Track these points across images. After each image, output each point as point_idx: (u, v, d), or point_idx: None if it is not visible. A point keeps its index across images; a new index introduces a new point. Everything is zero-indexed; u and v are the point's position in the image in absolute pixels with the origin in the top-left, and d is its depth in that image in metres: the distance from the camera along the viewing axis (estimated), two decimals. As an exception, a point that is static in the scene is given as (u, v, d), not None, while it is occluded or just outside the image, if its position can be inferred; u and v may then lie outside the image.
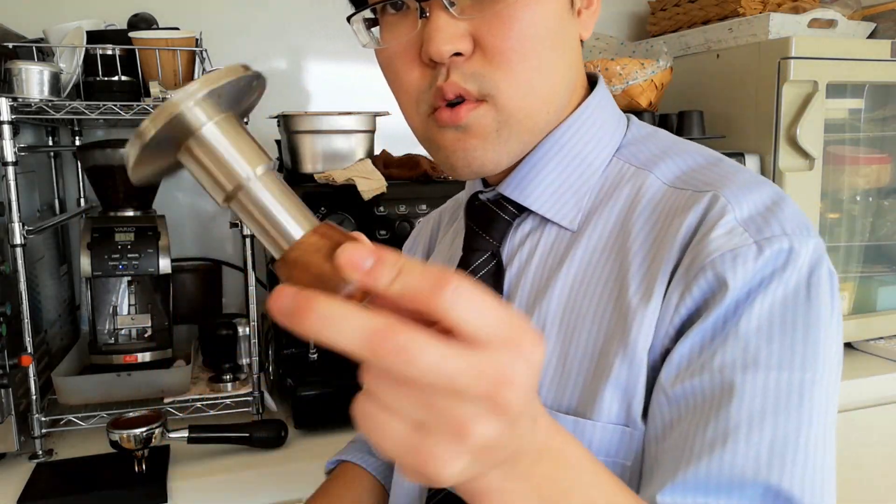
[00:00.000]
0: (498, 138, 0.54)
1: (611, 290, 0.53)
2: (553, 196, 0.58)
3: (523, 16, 0.51)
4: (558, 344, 0.54)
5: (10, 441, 1.03)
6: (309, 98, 1.64)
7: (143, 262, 1.11)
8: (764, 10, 1.48)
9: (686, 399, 0.48)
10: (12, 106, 1.00)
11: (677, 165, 0.57)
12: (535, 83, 0.54)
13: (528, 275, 0.58)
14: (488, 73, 0.52)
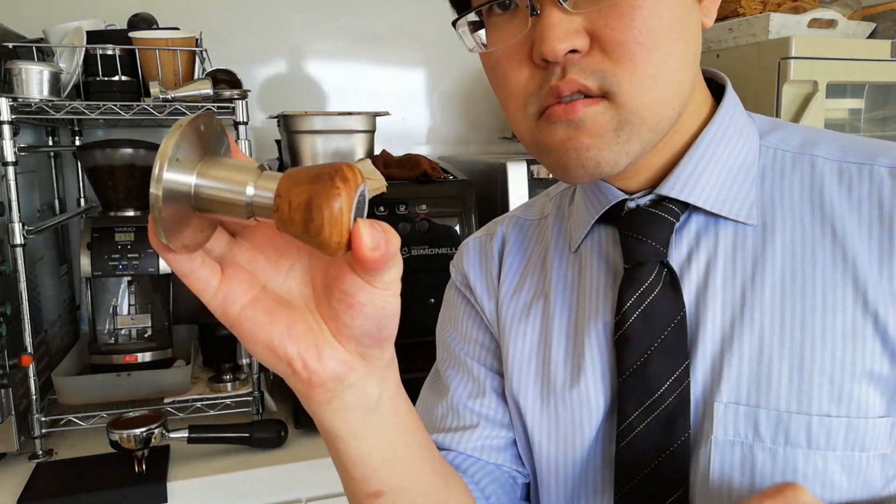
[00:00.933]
0: (616, 138, 0.49)
1: (835, 284, 0.50)
2: (721, 191, 0.54)
3: (644, 4, 0.47)
4: (786, 347, 0.50)
5: (10, 441, 1.03)
6: (309, 98, 1.64)
7: (143, 262, 1.11)
8: (764, 10, 1.48)
9: None
10: (12, 106, 1.00)
11: (832, 146, 0.55)
12: (661, 78, 0.49)
13: (716, 282, 0.52)
14: (609, 69, 0.48)
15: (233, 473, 1.02)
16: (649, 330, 0.52)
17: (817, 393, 0.48)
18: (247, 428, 1.08)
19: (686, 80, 0.52)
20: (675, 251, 0.54)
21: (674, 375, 0.51)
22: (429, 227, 1.18)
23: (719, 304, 0.52)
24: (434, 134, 1.74)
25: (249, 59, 1.57)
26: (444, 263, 1.22)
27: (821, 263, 0.50)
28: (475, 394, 0.63)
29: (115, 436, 0.96)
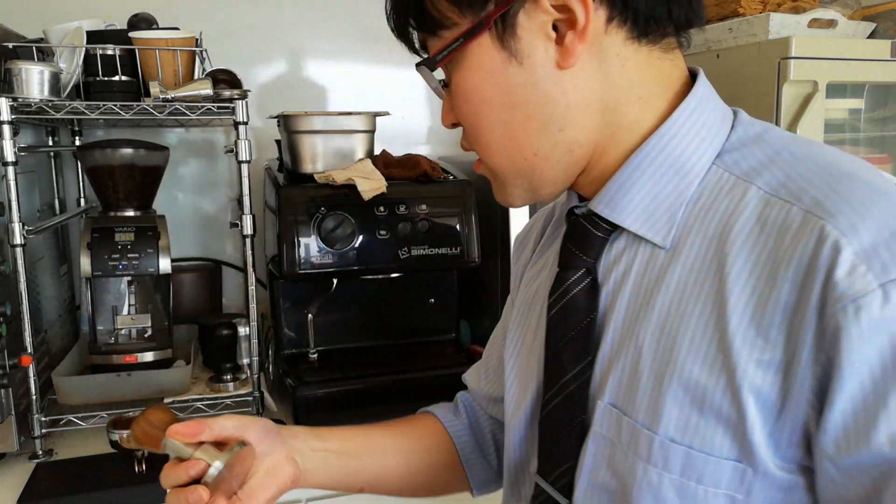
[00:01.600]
0: (508, 185, 0.61)
1: (707, 320, 0.51)
2: (645, 212, 0.56)
3: (461, 91, 0.58)
4: (654, 367, 0.53)
5: (10, 441, 1.03)
6: (309, 98, 1.64)
7: (143, 262, 1.11)
8: (764, 10, 1.49)
9: (863, 467, 0.45)
10: (12, 106, 1.00)
11: (783, 172, 0.51)
12: (494, 144, 0.59)
13: (625, 295, 0.56)
14: (468, 139, 0.61)
15: (233, 473, 1.02)
16: (565, 325, 0.60)
17: (667, 416, 0.51)
18: (247, 428, 1.08)
19: (520, 135, 0.57)
20: (603, 259, 0.59)
21: (579, 367, 0.58)
22: (429, 227, 1.18)
23: (621, 316, 0.56)
24: (434, 134, 1.74)
25: (249, 59, 1.57)
26: (444, 263, 1.22)
27: (702, 298, 0.51)
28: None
29: (115, 436, 0.96)
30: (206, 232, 1.59)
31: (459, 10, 0.55)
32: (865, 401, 0.44)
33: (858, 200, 0.47)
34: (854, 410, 0.44)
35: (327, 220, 1.12)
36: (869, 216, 0.46)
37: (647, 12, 0.54)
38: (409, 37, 0.61)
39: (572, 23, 0.52)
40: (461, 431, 0.80)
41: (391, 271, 1.20)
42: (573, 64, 0.54)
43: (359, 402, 1.16)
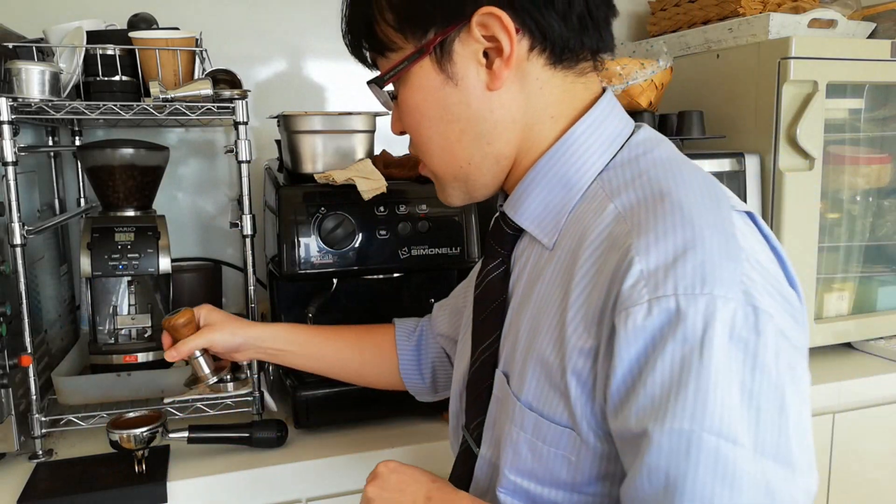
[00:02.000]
0: (445, 188, 0.72)
1: (555, 312, 0.61)
2: (538, 217, 0.67)
3: (406, 106, 0.68)
4: (524, 350, 0.65)
5: (10, 441, 1.03)
6: (309, 98, 1.64)
7: (143, 262, 1.11)
8: (764, 10, 1.49)
9: (622, 437, 0.55)
10: (12, 106, 1.00)
11: (636, 194, 0.59)
12: (434, 153, 0.69)
13: (521, 283, 0.69)
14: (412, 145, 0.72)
15: (233, 473, 1.02)
16: (483, 303, 0.73)
17: (527, 387, 0.63)
18: (247, 428, 1.08)
19: (454, 146, 0.67)
20: (515, 252, 0.71)
21: (489, 339, 0.71)
22: (429, 227, 1.18)
23: (516, 301, 0.69)
24: (434, 134, 1.74)
25: (249, 59, 1.57)
26: (444, 263, 1.22)
27: (558, 292, 0.62)
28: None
29: (115, 436, 0.96)
30: (206, 232, 1.59)
31: (404, 36, 0.65)
32: (626, 388, 0.54)
33: (662, 228, 0.54)
34: (619, 395, 0.54)
35: (327, 220, 1.12)
36: (664, 242, 0.54)
37: (563, 43, 0.64)
38: (362, 55, 0.70)
39: (500, 51, 0.62)
40: (407, 355, 0.98)
41: (391, 271, 1.19)
42: (500, 87, 0.64)
43: (359, 402, 1.16)
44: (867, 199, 1.51)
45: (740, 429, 0.50)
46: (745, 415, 0.50)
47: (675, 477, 0.50)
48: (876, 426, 1.39)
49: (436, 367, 0.98)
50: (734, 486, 0.49)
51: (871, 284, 1.52)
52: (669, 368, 0.51)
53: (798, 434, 0.52)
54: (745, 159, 1.36)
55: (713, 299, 0.51)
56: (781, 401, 0.52)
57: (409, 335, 1.00)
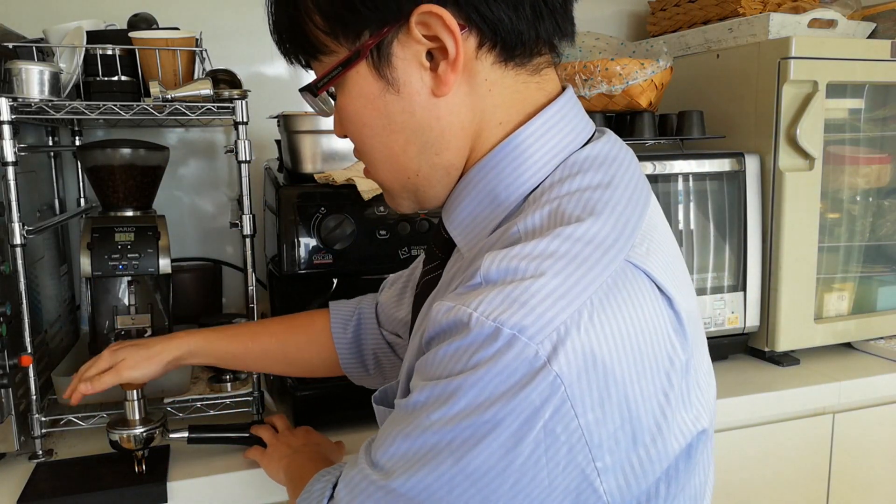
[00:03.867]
0: (393, 198, 0.67)
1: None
2: (466, 227, 0.63)
3: (344, 115, 0.62)
4: (412, 344, 0.63)
5: (10, 441, 1.03)
6: (309, 98, 1.63)
7: (143, 262, 1.11)
8: (764, 10, 1.49)
9: None
10: (12, 106, 1.00)
11: (537, 216, 0.55)
12: (378, 163, 0.63)
13: (441, 290, 0.66)
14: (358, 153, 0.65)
15: (233, 473, 1.02)
16: (419, 301, 0.71)
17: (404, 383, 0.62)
18: (247, 428, 1.08)
19: (400, 155, 0.61)
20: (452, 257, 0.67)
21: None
22: (428, 226, 1.18)
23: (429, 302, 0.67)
24: (434, 134, 1.74)
25: (249, 59, 1.57)
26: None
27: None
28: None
29: (115, 436, 0.96)
30: (206, 232, 1.59)
31: (336, 39, 0.58)
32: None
33: (508, 262, 0.51)
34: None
35: (327, 220, 1.12)
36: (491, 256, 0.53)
37: (515, 37, 0.57)
38: (296, 58, 0.63)
39: (445, 52, 0.55)
40: (345, 346, 0.95)
41: (391, 271, 1.19)
42: (447, 92, 0.57)
43: (358, 402, 1.16)
44: (867, 199, 1.51)
45: None
46: None
47: None
48: (876, 426, 1.39)
49: (378, 355, 0.96)
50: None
51: (871, 284, 1.52)
52: None
53: None
54: (745, 159, 1.36)
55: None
56: None
57: (346, 324, 0.96)
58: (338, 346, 0.95)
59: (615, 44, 1.54)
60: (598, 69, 1.36)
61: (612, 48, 1.55)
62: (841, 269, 1.49)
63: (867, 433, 1.38)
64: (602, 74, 1.35)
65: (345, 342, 0.95)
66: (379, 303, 0.96)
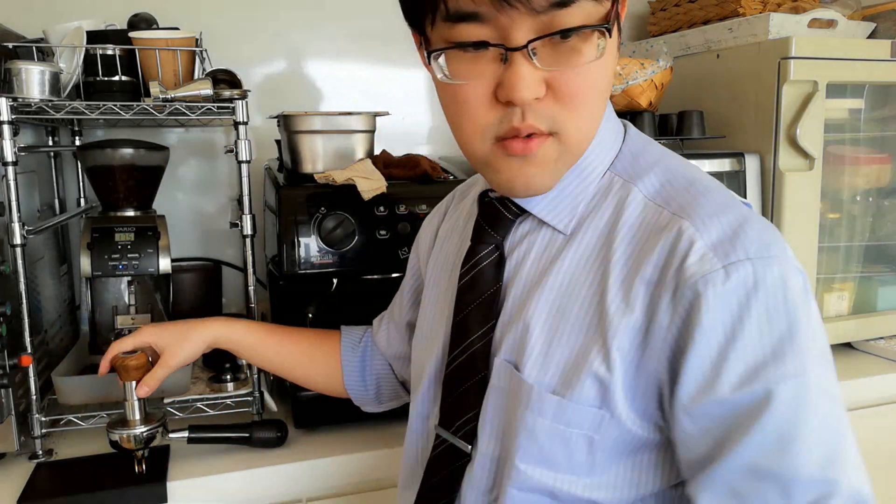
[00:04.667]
0: (555, 166, 0.62)
1: (593, 294, 0.62)
2: (551, 203, 0.66)
3: (594, 73, 0.59)
4: (542, 334, 0.63)
5: (10, 441, 1.03)
6: (309, 98, 1.64)
7: (143, 262, 1.11)
8: (764, 10, 1.48)
9: (711, 416, 0.56)
10: (12, 106, 1.00)
11: (658, 181, 0.64)
12: (591, 124, 0.62)
13: (525, 269, 0.67)
14: (559, 114, 0.59)
15: (233, 473, 1.02)
16: (473, 293, 0.69)
17: (551, 372, 0.62)
18: (247, 428, 1.08)
19: (598, 124, 0.65)
20: (510, 238, 0.69)
21: (482, 329, 0.68)
22: (429, 227, 1.18)
23: (520, 287, 0.67)
24: (434, 134, 1.74)
25: (249, 59, 1.57)
26: (444, 263, 1.22)
27: (590, 278, 0.63)
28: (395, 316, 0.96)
29: (115, 436, 0.96)
30: (206, 232, 1.59)
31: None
32: (712, 357, 0.55)
33: (711, 209, 0.59)
34: (703, 365, 0.55)
35: (327, 220, 1.12)
36: (717, 219, 0.58)
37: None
38: None
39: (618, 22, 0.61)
40: (351, 367, 0.97)
41: (391, 271, 1.19)
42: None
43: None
44: (867, 199, 1.51)
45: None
46: None
47: (788, 427, 0.54)
48: (876, 426, 1.39)
49: (380, 380, 0.98)
50: (835, 405, 0.56)
51: (871, 284, 1.52)
52: (759, 327, 0.54)
53: None
54: (745, 159, 1.36)
55: (781, 260, 0.56)
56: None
57: (355, 347, 0.99)
58: (344, 366, 0.97)
59: (615, 44, 1.54)
60: (598, 69, 1.36)
61: (612, 48, 1.54)
62: (841, 269, 1.49)
63: (867, 433, 1.38)
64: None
65: (352, 362, 0.97)
66: (375, 342, 0.98)
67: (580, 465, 0.61)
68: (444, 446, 0.70)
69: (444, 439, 0.70)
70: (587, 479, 0.61)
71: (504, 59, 0.57)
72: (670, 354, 0.57)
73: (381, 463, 1.09)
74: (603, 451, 0.61)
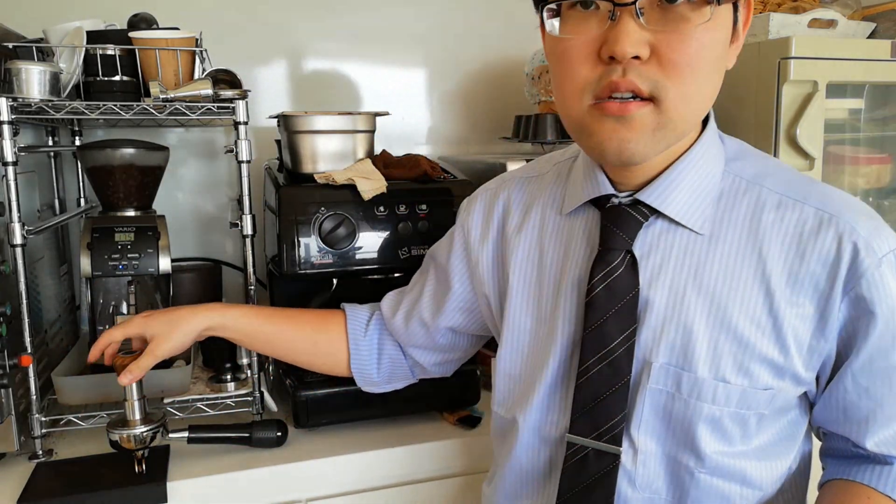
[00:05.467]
0: (652, 136, 0.63)
1: (753, 287, 0.66)
2: (685, 205, 0.69)
3: (702, 37, 0.60)
4: (707, 333, 0.67)
5: (10, 441, 1.03)
6: (309, 98, 1.64)
7: (143, 262, 1.11)
8: (764, 10, 1.48)
9: (874, 382, 0.68)
10: (12, 106, 1.00)
11: (780, 180, 0.69)
12: (697, 97, 0.63)
13: (667, 272, 0.69)
14: (661, 79, 0.60)
15: (233, 473, 1.02)
16: (610, 299, 0.69)
17: (724, 366, 0.67)
18: (247, 428, 1.08)
19: (709, 101, 0.66)
20: (639, 242, 0.70)
21: (623, 335, 0.68)
22: (429, 227, 1.18)
23: (666, 291, 0.68)
24: (434, 134, 1.74)
25: (249, 59, 1.57)
26: (444, 263, 1.22)
27: (746, 273, 0.67)
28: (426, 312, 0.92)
29: (115, 436, 0.96)
30: (206, 232, 1.59)
31: None
32: (886, 334, 0.66)
33: (846, 205, 0.67)
34: (881, 339, 0.66)
35: (327, 220, 1.12)
36: (860, 215, 0.67)
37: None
38: None
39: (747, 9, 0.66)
40: (363, 348, 0.95)
41: (391, 271, 1.19)
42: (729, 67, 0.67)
43: (359, 402, 1.16)
44: (867, 199, 1.51)
45: None
46: None
47: None
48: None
49: (393, 363, 0.97)
50: None
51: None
52: None
53: None
54: (745, 159, 1.36)
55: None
56: None
57: (363, 329, 0.97)
58: (353, 347, 0.96)
59: (615, 44, 1.54)
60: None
61: (612, 48, 1.54)
62: (841, 269, 1.48)
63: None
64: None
65: (363, 344, 0.96)
66: (391, 328, 0.97)
67: (749, 436, 0.69)
68: (585, 453, 0.70)
69: (583, 446, 0.71)
70: (749, 447, 0.69)
71: (612, 16, 0.59)
72: (844, 335, 0.67)
73: (381, 463, 1.09)
74: (766, 420, 0.69)
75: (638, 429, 0.69)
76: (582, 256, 0.73)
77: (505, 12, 1.70)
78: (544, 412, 0.75)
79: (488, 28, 1.70)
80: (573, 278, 0.73)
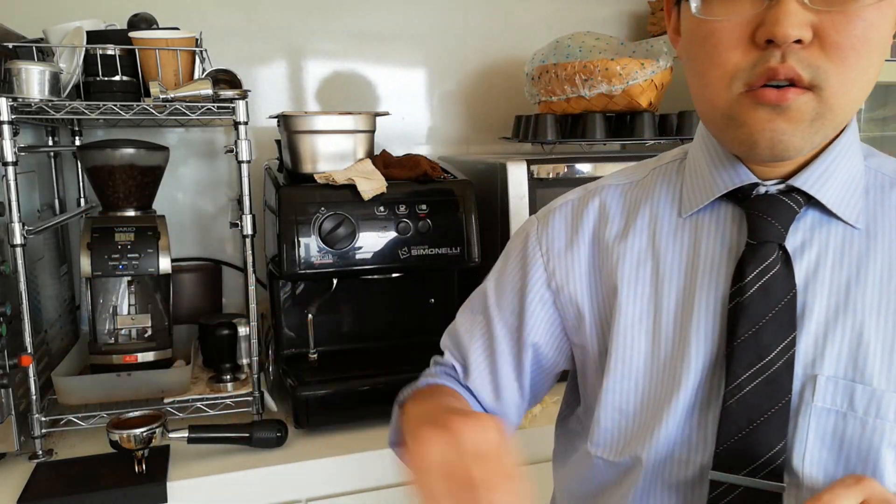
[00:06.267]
0: (810, 127, 0.56)
1: None
2: (840, 194, 0.61)
3: (869, 18, 0.53)
4: (881, 338, 0.58)
5: (10, 441, 1.03)
6: (309, 98, 1.64)
7: (143, 262, 1.11)
8: (764, 10, 1.48)
9: None
10: (12, 106, 1.00)
11: None
12: (860, 84, 0.56)
13: (826, 271, 0.60)
14: (823, 65, 0.54)
15: (233, 473, 1.02)
16: (766, 301, 0.59)
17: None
18: (247, 428, 1.08)
19: (868, 91, 0.58)
20: (790, 237, 0.61)
21: (782, 344, 0.58)
22: (429, 227, 1.18)
23: (826, 291, 0.60)
24: (434, 134, 1.74)
25: (249, 59, 1.57)
26: (444, 263, 1.22)
27: None
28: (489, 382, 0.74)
29: (115, 436, 0.96)
30: (206, 232, 1.59)
31: None
32: None
33: None
34: None
35: (327, 220, 1.12)
36: None
37: None
38: None
39: None
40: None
41: (391, 271, 1.19)
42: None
43: (359, 402, 1.16)
44: (867, 199, 1.51)
45: None
46: None
47: None
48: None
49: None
50: None
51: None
52: None
53: None
54: (745, 159, 1.36)
55: None
56: None
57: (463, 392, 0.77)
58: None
59: (615, 44, 1.54)
60: (598, 69, 1.36)
61: (612, 48, 1.54)
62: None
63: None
64: (602, 74, 1.35)
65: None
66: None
67: None
68: (736, 494, 0.59)
69: (733, 485, 0.59)
70: None
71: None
72: None
73: (381, 463, 1.09)
74: None
75: (802, 459, 0.58)
76: (718, 257, 0.63)
77: (505, 12, 1.70)
78: (670, 450, 0.63)
79: (488, 28, 1.70)
80: (708, 283, 0.63)
